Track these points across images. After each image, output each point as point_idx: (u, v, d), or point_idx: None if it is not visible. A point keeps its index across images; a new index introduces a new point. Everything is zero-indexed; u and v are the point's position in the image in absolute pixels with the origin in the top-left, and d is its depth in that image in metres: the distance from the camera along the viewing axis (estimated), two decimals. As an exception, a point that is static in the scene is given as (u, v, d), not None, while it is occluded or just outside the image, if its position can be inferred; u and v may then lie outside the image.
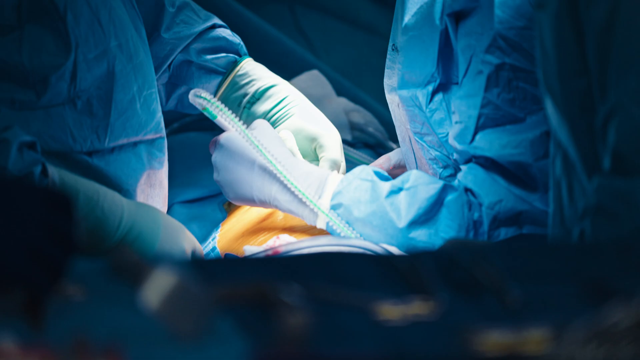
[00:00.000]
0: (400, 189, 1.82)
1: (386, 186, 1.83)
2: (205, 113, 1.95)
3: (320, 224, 1.86)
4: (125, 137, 1.84)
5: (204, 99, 1.93)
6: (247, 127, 1.95)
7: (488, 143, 1.77)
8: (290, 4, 3.03)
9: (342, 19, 3.07)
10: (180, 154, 2.35)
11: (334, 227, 1.83)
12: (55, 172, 1.69)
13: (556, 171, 1.46)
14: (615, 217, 1.31)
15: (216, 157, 1.95)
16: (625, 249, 1.24)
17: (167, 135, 1.98)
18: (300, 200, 1.87)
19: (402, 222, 1.79)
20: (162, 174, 1.94)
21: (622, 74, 1.29)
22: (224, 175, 1.94)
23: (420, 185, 1.81)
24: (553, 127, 1.43)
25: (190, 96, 1.94)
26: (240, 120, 1.94)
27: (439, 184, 1.80)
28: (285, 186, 1.88)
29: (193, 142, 2.45)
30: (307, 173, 1.89)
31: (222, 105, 1.92)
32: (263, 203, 1.92)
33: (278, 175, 1.88)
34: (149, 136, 1.89)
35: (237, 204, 2.00)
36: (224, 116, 1.92)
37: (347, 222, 1.83)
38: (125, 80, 1.83)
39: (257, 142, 1.89)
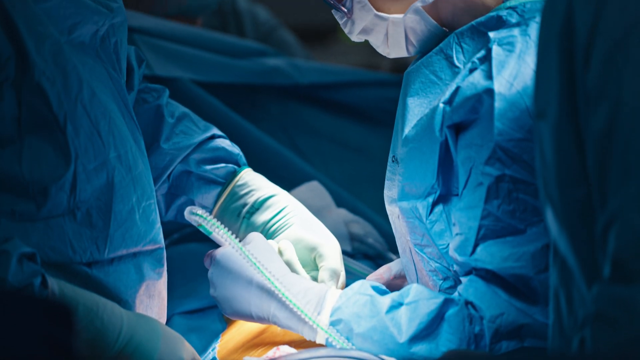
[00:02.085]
0: (400, 304, 1.81)
1: (386, 301, 1.82)
2: (201, 229, 1.95)
3: (320, 340, 1.85)
4: (124, 248, 1.83)
5: (199, 215, 1.93)
6: (242, 241, 1.94)
7: (489, 256, 1.76)
8: (284, 125, 3.06)
9: (334, 142, 3.10)
10: (181, 265, 2.35)
11: (334, 343, 1.82)
12: (54, 284, 1.68)
13: (554, 281, 1.46)
14: (616, 323, 1.29)
15: (212, 273, 1.95)
16: (624, 358, 1.23)
17: (167, 246, 1.98)
18: (299, 317, 1.86)
19: (403, 337, 1.78)
20: (161, 285, 1.93)
21: (622, 181, 1.30)
22: (220, 292, 1.93)
23: (421, 300, 1.80)
24: (552, 236, 1.43)
25: (186, 213, 1.95)
26: (236, 236, 1.94)
27: (440, 298, 1.80)
28: (284, 304, 1.87)
29: (193, 253, 2.45)
30: (305, 289, 1.88)
31: (217, 222, 1.93)
32: (261, 319, 1.91)
33: (277, 293, 1.87)
34: (148, 247, 1.88)
35: (234, 319, 1.99)
36: (219, 232, 1.92)
37: (347, 338, 1.81)
38: (124, 191, 1.83)
39: (254, 260, 1.89)
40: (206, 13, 3.65)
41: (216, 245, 1.98)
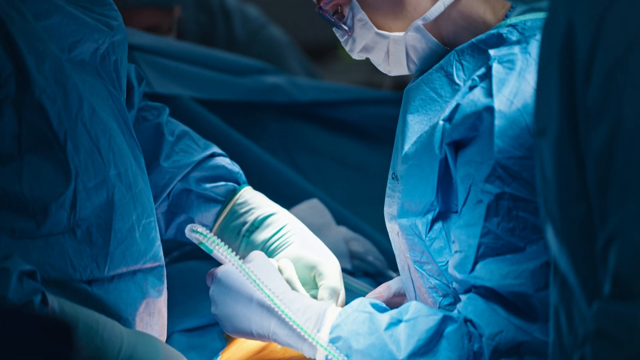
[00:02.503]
0: (399, 321, 1.80)
1: (385, 318, 1.82)
2: (202, 247, 1.95)
3: (320, 357, 1.84)
4: (124, 265, 1.83)
5: (200, 233, 1.93)
6: (244, 259, 1.95)
7: (488, 273, 1.76)
8: (284, 143, 3.07)
9: (334, 160, 3.11)
10: (181, 283, 2.35)
11: (333, 361, 1.82)
12: (54, 301, 1.67)
13: (554, 298, 1.46)
14: (616, 341, 1.29)
15: (214, 291, 1.95)
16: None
17: (168, 264, 1.98)
18: (299, 334, 1.85)
19: (402, 354, 1.78)
20: (161, 303, 1.93)
21: (622, 199, 1.30)
22: (221, 309, 1.93)
23: (419, 317, 1.80)
24: (553, 253, 1.43)
25: (187, 231, 1.95)
26: (236, 254, 1.94)
27: (439, 315, 1.79)
28: (283, 321, 1.87)
29: (193, 271, 2.45)
30: (305, 307, 1.88)
31: (218, 240, 1.93)
32: (261, 337, 1.91)
33: (276, 310, 1.87)
34: (148, 265, 1.88)
35: (235, 337, 1.99)
36: (220, 250, 1.92)
37: (347, 355, 1.81)
38: (124, 209, 1.83)
39: (254, 277, 1.89)
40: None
41: (217, 264, 1.98)
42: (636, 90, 1.29)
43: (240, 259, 1.92)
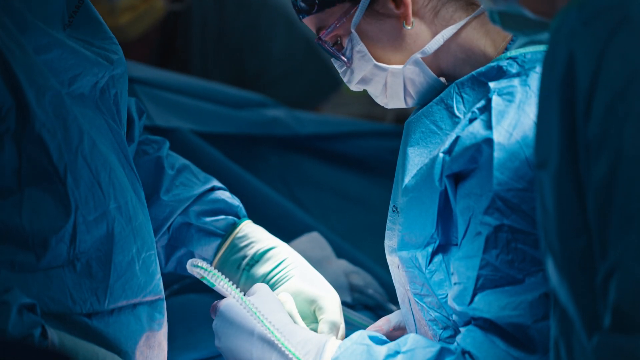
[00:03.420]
0: (397, 352, 1.80)
1: (382, 350, 1.82)
2: (204, 281, 1.96)
3: (319, 390, 1.85)
4: (124, 299, 1.83)
5: (201, 268, 1.94)
6: (247, 291, 1.95)
7: (487, 305, 1.76)
8: (284, 176, 3.07)
9: (334, 192, 3.11)
10: (181, 316, 2.35)
11: (332, 393, 1.82)
12: (54, 334, 1.67)
13: (554, 330, 1.45)
14: (616, 374, 1.30)
15: (216, 324, 1.95)
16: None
17: (168, 297, 1.98)
18: None
19: (399, 385, 1.78)
20: (161, 336, 1.92)
21: (623, 232, 1.30)
22: (224, 342, 1.94)
23: (417, 349, 1.79)
24: (553, 286, 1.43)
25: (188, 266, 1.96)
26: (237, 287, 1.94)
27: (436, 347, 1.79)
28: (284, 354, 1.87)
29: (193, 304, 2.44)
30: (305, 340, 1.89)
31: (220, 274, 1.94)
32: (263, 370, 1.91)
33: (277, 343, 1.87)
34: (148, 298, 1.88)
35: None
36: (222, 284, 1.93)
37: (345, 386, 1.81)
38: (124, 242, 1.83)
39: (255, 310, 1.89)
40: None
41: (218, 296, 1.99)
42: (636, 123, 1.29)
43: (241, 292, 1.92)
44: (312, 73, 3.90)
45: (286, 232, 2.45)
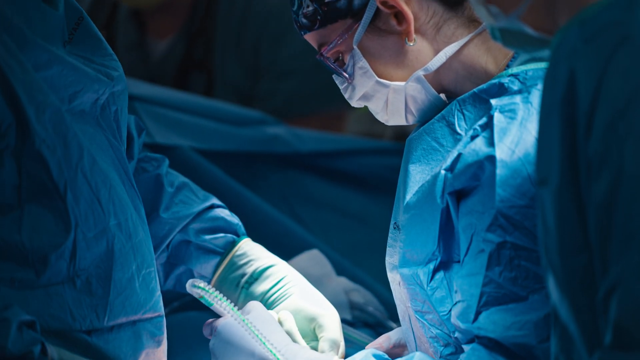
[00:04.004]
0: (402, 371, 1.81)
1: (386, 368, 1.82)
2: (202, 301, 1.95)
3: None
4: (124, 315, 1.82)
5: (200, 288, 1.93)
6: (241, 310, 1.94)
7: (492, 324, 1.75)
8: (284, 194, 3.07)
9: (334, 210, 3.11)
10: (180, 333, 2.34)
11: (334, 413, 1.82)
12: (54, 351, 1.67)
13: (555, 348, 1.45)
14: (617, 390, 1.30)
15: (214, 344, 1.94)
16: None
17: (168, 314, 1.98)
18: None
19: (403, 403, 1.78)
20: (161, 353, 1.92)
21: (624, 249, 1.30)
22: None
23: (422, 367, 1.80)
24: (553, 303, 1.43)
25: (188, 286, 1.95)
26: (235, 305, 1.94)
27: (440, 365, 1.79)
28: None
29: (193, 322, 2.44)
30: (306, 360, 1.88)
31: (219, 294, 1.93)
32: (263, 391, 1.91)
33: None
34: (148, 315, 1.88)
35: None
36: (222, 304, 1.92)
37: (348, 406, 1.81)
38: (124, 259, 1.83)
39: (256, 331, 1.89)
40: None
41: (216, 314, 1.98)
42: (637, 141, 1.30)
43: (239, 310, 1.92)
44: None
45: (286, 250, 2.45)
